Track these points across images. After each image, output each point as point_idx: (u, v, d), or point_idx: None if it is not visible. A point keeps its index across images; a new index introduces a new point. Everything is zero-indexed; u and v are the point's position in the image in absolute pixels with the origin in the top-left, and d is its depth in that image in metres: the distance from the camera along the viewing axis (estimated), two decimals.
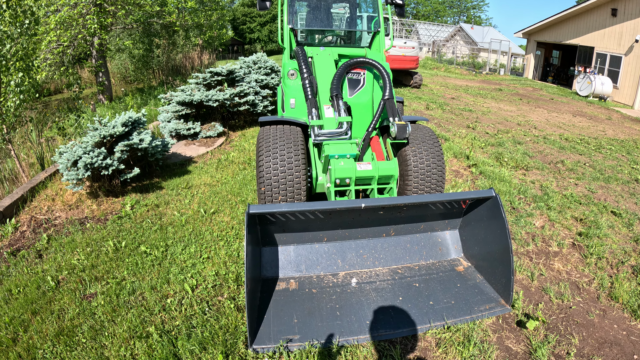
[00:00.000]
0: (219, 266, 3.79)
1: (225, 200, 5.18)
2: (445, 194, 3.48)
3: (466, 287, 3.39)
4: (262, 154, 3.87)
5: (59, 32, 9.86)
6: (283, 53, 5.25)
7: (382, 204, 3.24)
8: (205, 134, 7.97)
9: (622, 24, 17.77)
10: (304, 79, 4.38)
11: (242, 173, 6.13)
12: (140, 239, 4.23)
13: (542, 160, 8.03)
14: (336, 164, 3.69)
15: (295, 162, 3.85)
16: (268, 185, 3.80)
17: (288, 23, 5.01)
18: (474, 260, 3.66)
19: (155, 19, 12.43)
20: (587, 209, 5.57)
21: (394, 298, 3.22)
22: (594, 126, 12.61)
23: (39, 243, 4.26)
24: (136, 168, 5.18)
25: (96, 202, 5.13)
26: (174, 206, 5.02)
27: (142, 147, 5.17)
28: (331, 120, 4.06)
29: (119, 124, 5.16)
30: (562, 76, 24.80)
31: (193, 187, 5.60)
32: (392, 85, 4.47)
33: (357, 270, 3.56)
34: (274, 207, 2.98)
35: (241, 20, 46.30)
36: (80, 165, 4.75)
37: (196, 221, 4.60)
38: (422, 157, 4.26)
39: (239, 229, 4.46)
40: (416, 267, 3.62)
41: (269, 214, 3.27)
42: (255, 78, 9.17)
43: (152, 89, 13.96)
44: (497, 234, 3.28)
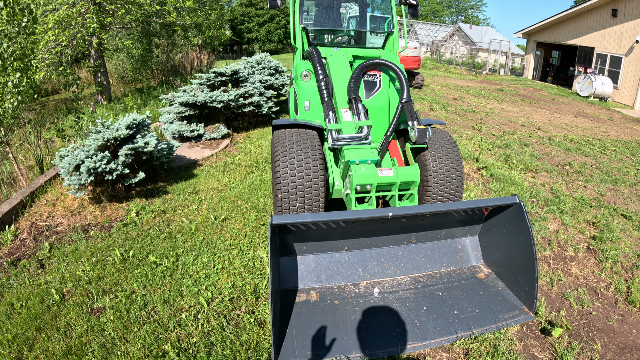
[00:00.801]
0: (234, 277, 3.61)
1: (235, 206, 4.99)
2: (470, 201, 3.33)
3: (489, 295, 3.31)
4: (278, 159, 3.70)
5: (57, 32, 9.61)
6: (295, 53, 5.08)
7: (409, 213, 3.11)
8: (209, 136, 7.77)
9: (622, 25, 17.72)
10: (320, 80, 4.23)
11: (250, 177, 5.94)
12: (149, 248, 4.02)
13: (549, 162, 8.01)
14: (357, 170, 3.54)
15: (313, 167, 3.69)
16: (285, 192, 3.64)
17: (300, 23, 4.84)
18: (494, 267, 3.59)
19: (154, 19, 12.20)
20: (598, 212, 5.53)
21: (418, 308, 3.13)
22: (596, 127, 12.63)
23: (41, 252, 4.05)
24: (141, 172, 4.99)
25: (99, 207, 4.93)
26: (181, 212, 4.83)
27: (148, 150, 4.97)
28: (350, 124, 3.92)
29: (123, 127, 4.96)
30: (562, 76, 24.76)
31: (200, 191, 5.41)
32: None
33: (379, 279, 3.45)
34: (298, 217, 2.83)
35: (239, 20, 46.03)
36: (83, 170, 4.55)
37: (206, 228, 4.41)
38: (441, 162, 4.14)
39: (252, 236, 4.28)
40: (437, 274, 3.53)
41: (292, 225, 3.11)
42: (260, 78, 8.99)
43: (151, 89, 13.73)
44: (521, 241, 3.20)
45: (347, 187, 3.71)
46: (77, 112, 7.89)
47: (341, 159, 3.80)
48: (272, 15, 46.05)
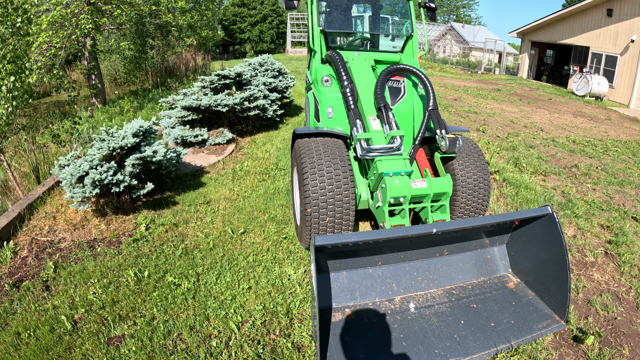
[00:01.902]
0: (263, 298, 3.35)
1: (251, 217, 4.72)
2: (507, 214, 3.20)
3: (521, 305, 3.25)
4: (306, 171, 3.49)
5: (50, 33, 9.21)
6: (312, 57, 4.85)
7: (453, 228, 2.99)
8: (214, 141, 7.49)
9: (617, 24, 17.77)
10: (345, 86, 4.03)
11: (263, 185, 5.68)
12: (165, 267, 3.73)
13: (556, 164, 7.99)
14: (391, 182, 3.37)
15: (344, 180, 3.52)
16: (315, 207, 3.44)
17: (318, 25, 4.62)
18: (522, 276, 3.55)
19: (148, 19, 11.84)
20: (610, 216, 5.55)
21: (455, 322, 3.04)
22: (595, 127, 12.70)
23: (45, 272, 3.73)
24: (149, 183, 4.69)
25: (104, 220, 4.63)
26: (195, 225, 4.54)
27: (156, 159, 4.68)
28: (379, 133, 3.74)
29: (130, 135, 4.67)
30: (556, 75, 24.86)
31: (212, 202, 5.12)
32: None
33: (413, 293, 3.36)
34: (342, 237, 2.65)
35: (231, 20, 45.52)
36: (88, 182, 4.25)
37: (225, 243, 4.14)
38: (469, 172, 4.03)
39: (275, 251, 4.03)
40: (469, 286, 3.47)
41: (333, 245, 2.91)
42: (264, 81, 8.72)
43: (146, 91, 13.34)
44: (554, 252, 3.17)
45: (379, 200, 3.55)
46: (73, 117, 7.52)
47: (372, 170, 3.63)
48: (264, 15, 45.60)
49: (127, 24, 11.53)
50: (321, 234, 3.61)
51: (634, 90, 17.11)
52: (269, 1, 46.06)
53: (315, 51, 4.69)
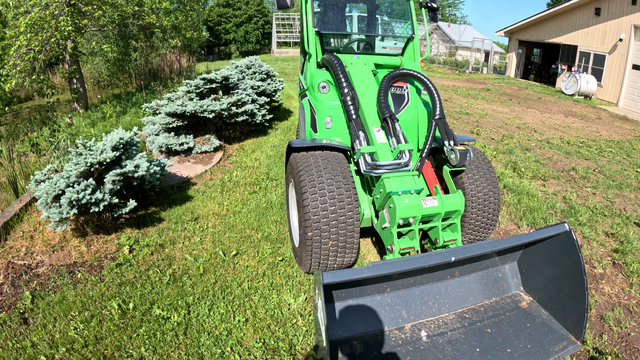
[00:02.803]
0: (262, 332, 3.05)
1: (243, 236, 4.41)
2: (525, 235, 3.00)
3: (535, 326, 3.08)
4: (306, 190, 3.18)
5: (29, 36, 8.74)
6: (307, 60, 4.54)
7: (472, 255, 2.76)
8: (200, 149, 7.15)
9: (605, 23, 17.80)
10: (345, 94, 3.71)
11: (254, 198, 5.36)
12: (152, 297, 3.40)
13: (554, 167, 7.90)
14: (400, 202, 3.11)
15: (347, 199, 3.22)
16: (316, 230, 3.14)
17: (314, 26, 4.31)
18: (535, 294, 3.36)
19: (131, 20, 11.40)
20: (613, 222, 5.48)
21: (471, 351, 2.83)
22: (587, 127, 12.71)
23: (22, 303, 3.37)
24: (132, 201, 4.34)
25: (84, 241, 4.28)
26: (183, 247, 4.21)
27: (138, 175, 4.33)
28: (385, 147, 3.47)
29: (109, 149, 4.32)
30: (544, 74, 24.92)
31: (200, 218, 4.80)
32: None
33: (423, 319, 3.10)
34: (353, 273, 2.39)
35: (216, 20, 44.85)
36: (64, 202, 3.89)
37: (216, 268, 3.82)
38: (479, 186, 3.78)
39: (272, 276, 3.73)
40: (481, 308, 3.24)
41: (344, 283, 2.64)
42: (252, 84, 8.39)
43: (129, 95, 12.88)
44: (570, 271, 3.00)
45: (386, 220, 3.28)
46: (52, 124, 7.12)
47: (378, 188, 3.36)
48: (249, 15, 45.01)
49: (109, 26, 11.08)
50: (323, 259, 3.34)
51: (622, 89, 17.16)
52: (254, 1, 45.52)
53: (311, 54, 4.38)
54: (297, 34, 39.37)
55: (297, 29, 39.51)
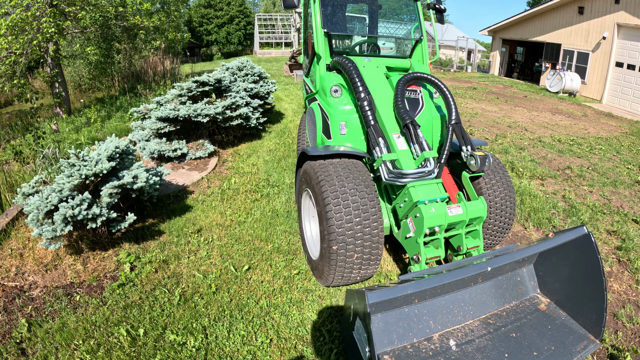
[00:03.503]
0: (290, 353, 2.84)
1: (253, 249, 4.16)
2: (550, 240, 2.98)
3: (556, 328, 3.12)
4: (329, 202, 3.02)
5: (10, 39, 8.28)
6: (317, 62, 4.34)
7: (507, 262, 2.79)
8: (194, 155, 6.86)
9: (589, 22, 18.02)
10: (362, 99, 3.56)
11: (258, 207, 5.12)
12: (163, 321, 3.13)
13: (549, 166, 7.95)
14: (427, 211, 3.03)
15: (372, 209, 3.09)
16: (342, 243, 2.98)
17: (323, 27, 4.13)
18: (552, 296, 3.38)
19: (114, 21, 10.98)
20: (612, 219, 5.56)
21: (500, 356, 2.83)
22: (575, 124, 12.87)
23: (17, 331, 3.07)
24: (131, 214, 4.06)
25: (80, 259, 3.99)
26: (189, 262, 3.94)
27: (137, 187, 4.06)
28: (406, 154, 3.38)
29: (104, 159, 4.03)
30: (527, 72, 25.18)
31: (203, 230, 4.53)
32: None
33: (450, 328, 3.07)
34: (398, 290, 2.34)
35: (198, 21, 44.13)
36: (58, 219, 3.60)
37: (229, 284, 3.57)
38: (496, 191, 3.74)
39: (289, 290, 3.52)
40: (504, 313, 3.25)
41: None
42: (244, 87, 8.13)
43: (113, 98, 12.43)
44: (589, 272, 3.05)
45: (410, 230, 3.19)
46: (36, 131, 6.72)
47: (402, 197, 3.28)
48: (231, 16, 44.41)
49: (91, 27, 10.65)
50: (347, 272, 3.19)
51: (606, 86, 17.40)
52: (235, 2, 44.97)
53: (321, 57, 4.20)
54: (279, 34, 39.07)
55: (279, 29, 39.21)
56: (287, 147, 7.70)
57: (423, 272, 2.90)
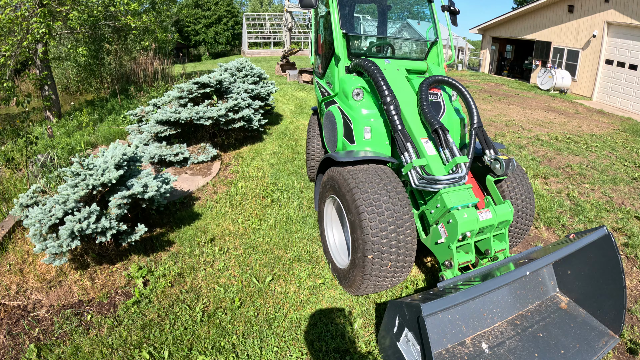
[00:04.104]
0: None
1: (272, 258, 3.95)
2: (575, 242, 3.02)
3: (578, 326, 3.20)
4: (363, 210, 2.92)
5: None
6: (334, 64, 4.16)
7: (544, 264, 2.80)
8: (196, 159, 6.62)
9: (579, 20, 18.15)
10: (389, 102, 3.45)
11: (270, 212, 4.90)
12: (187, 340, 2.90)
13: (550, 165, 8.03)
14: (460, 217, 3.01)
15: (405, 216, 3.01)
16: (377, 252, 2.89)
17: (341, 27, 3.97)
18: (572, 294, 3.50)
19: (104, 22, 10.62)
20: (616, 217, 5.59)
21: (530, 357, 2.91)
22: (568, 122, 13.01)
23: (26, 357, 2.81)
24: (141, 225, 3.81)
25: (86, 274, 3.73)
26: (206, 275, 3.70)
27: (149, 196, 3.82)
28: (436, 159, 3.31)
29: (112, 167, 3.78)
30: (517, 69, 25.35)
31: (217, 239, 4.30)
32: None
33: (481, 331, 3.12)
34: (449, 300, 2.29)
35: (185, 22, 43.51)
36: (64, 233, 3.34)
37: (253, 297, 3.35)
38: (517, 193, 3.74)
39: (317, 301, 3.34)
40: (528, 313, 3.34)
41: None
42: (245, 88, 7.91)
43: (103, 100, 12.04)
44: (608, 271, 3.14)
45: (441, 236, 3.16)
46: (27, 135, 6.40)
47: (434, 203, 3.20)
48: (219, 16, 43.87)
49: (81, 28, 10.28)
50: (380, 281, 3.09)
51: (596, 83, 17.55)
52: (223, 2, 44.47)
53: (340, 58, 4.03)
54: (268, 34, 38.76)
55: (267, 29, 38.90)
56: (290, 150, 7.50)
57: (459, 278, 2.87)
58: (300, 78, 16.92)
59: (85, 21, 9.80)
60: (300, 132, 8.78)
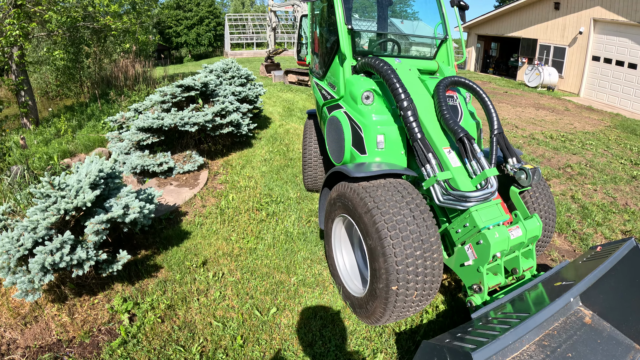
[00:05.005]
0: None
1: (274, 284, 3.55)
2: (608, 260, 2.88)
3: (605, 341, 2.99)
4: (385, 235, 2.56)
5: None
6: (339, 64, 3.78)
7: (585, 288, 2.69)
8: (182, 169, 6.18)
9: (565, 17, 18.12)
10: (406, 108, 3.09)
11: (266, 228, 4.50)
12: None
13: (550, 165, 7.89)
14: (492, 238, 2.71)
15: (432, 239, 2.67)
16: (402, 282, 2.55)
17: (346, 23, 3.60)
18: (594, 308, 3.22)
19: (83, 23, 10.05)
20: (623, 218, 5.50)
21: None
22: (560, 119, 13.00)
23: None
24: (123, 252, 3.38)
25: (64, 308, 3.30)
26: (200, 307, 3.29)
27: (130, 219, 3.39)
28: (461, 171, 2.99)
29: (86, 186, 3.33)
30: (502, 67, 25.38)
31: (209, 262, 3.88)
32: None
33: (509, 357, 2.77)
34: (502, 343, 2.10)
35: (166, 23, 42.58)
36: (35, 267, 2.91)
37: (257, 333, 2.96)
38: (540, 204, 3.48)
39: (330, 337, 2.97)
40: (555, 332, 3.04)
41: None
42: (232, 90, 7.48)
43: (83, 105, 11.46)
44: (635, 283, 3.03)
45: (469, 258, 2.84)
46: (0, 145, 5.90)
47: (462, 222, 2.90)
48: (201, 17, 43.08)
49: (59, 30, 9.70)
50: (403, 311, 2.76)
51: (583, 80, 17.57)
52: (205, 3, 43.69)
53: (346, 57, 3.66)
54: (250, 34, 38.22)
55: (250, 29, 38.36)
56: (282, 156, 7.11)
57: (491, 307, 2.58)
58: (286, 79, 16.50)
59: (63, 23, 9.25)
60: (290, 136, 8.40)
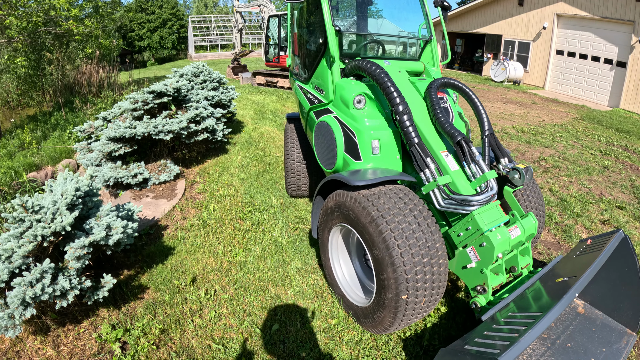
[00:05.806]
0: None
1: (272, 298, 3.41)
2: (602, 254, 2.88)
3: (599, 329, 3.18)
4: (392, 245, 2.53)
5: None
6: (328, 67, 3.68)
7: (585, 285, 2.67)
8: (158, 179, 5.93)
9: (529, 13, 18.61)
10: (402, 112, 3.06)
11: (253, 239, 4.35)
12: None
13: (525, 159, 8.05)
14: (495, 239, 2.75)
15: (437, 245, 2.67)
16: (412, 290, 2.53)
17: (332, 24, 3.51)
18: (586, 297, 3.40)
19: (44, 28, 9.53)
20: (600, 208, 5.64)
21: None
22: (529, 113, 13.37)
23: None
24: (108, 276, 3.16)
25: (48, 339, 3.06)
26: (196, 328, 3.11)
27: (113, 241, 3.18)
28: (460, 175, 3.01)
29: (64, 208, 3.10)
30: (468, 63, 25.89)
31: (199, 279, 3.70)
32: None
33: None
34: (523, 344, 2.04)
35: (129, 27, 41.20)
36: (14, 302, 2.67)
37: (260, 354, 2.82)
38: (531, 202, 3.57)
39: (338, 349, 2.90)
40: (552, 324, 3.22)
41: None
42: (205, 95, 7.25)
43: (47, 115, 10.90)
44: (626, 273, 3.12)
45: (472, 260, 2.88)
46: None
47: (464, 225, 2.92)
48: (164, 20, 41.91)
49: (19, 36, 9.16)
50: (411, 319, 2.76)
51: (547, 73, 18.11)
52: (168, 5, 42.59)
53: (334, 59, 3.56)
54: (214, 36, 37.60)
55: (214, 31, 37.74)
56: (259, 161, 6.95)
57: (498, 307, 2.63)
58: (254, 81, 16.27)
59: (24, 28, 8.73)
60: (265, 140, 8.24)
